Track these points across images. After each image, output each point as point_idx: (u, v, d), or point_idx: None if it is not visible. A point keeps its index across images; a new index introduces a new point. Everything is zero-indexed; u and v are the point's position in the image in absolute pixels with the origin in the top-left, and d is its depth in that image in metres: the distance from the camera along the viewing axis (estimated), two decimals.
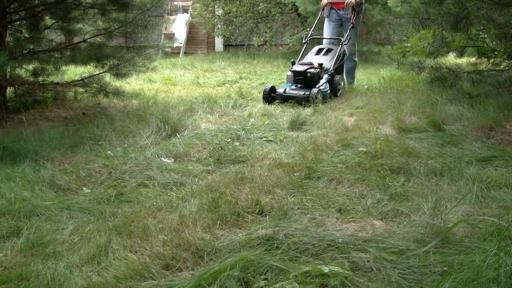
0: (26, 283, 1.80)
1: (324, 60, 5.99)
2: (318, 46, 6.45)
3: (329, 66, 5.93)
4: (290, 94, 5.53)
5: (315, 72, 5.61)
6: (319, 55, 6.22)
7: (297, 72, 5.69)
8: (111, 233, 2.16)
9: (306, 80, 5.64)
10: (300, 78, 5.69)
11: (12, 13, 4.86)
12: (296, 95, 5.47)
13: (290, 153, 3.43)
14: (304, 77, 5.64)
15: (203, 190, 2.72)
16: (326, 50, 6.26)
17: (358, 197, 2.63)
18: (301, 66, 5.75)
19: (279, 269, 1.79)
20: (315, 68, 5.68)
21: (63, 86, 5.17)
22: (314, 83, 5.60)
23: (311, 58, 6.11)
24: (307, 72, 5.61)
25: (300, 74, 5.68)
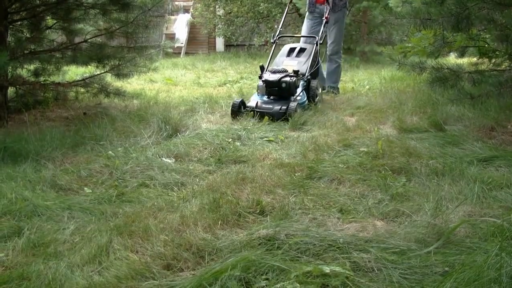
0: (28, 283, 1.80)
1: (298, 64, 5.24)
2: (289, 46, 5.68)
3: (305, 70, 5.19)
4: (263, 109, 4.72)
5: (291, 82, 4.79)
6: (290, 56, 5.45)
7: (269, 82, 4.82)
8: (112, 233, 2.16)
9: (280, 91, 4.84)
10: (273, 89, 4.85)
11: (13, 13, 4.87)
12: (270, 111, 4.68)
13: (291, 153, 3.43)
14: (279, 88, 4.82)
15: (204, 190, 2.72)
16: (299, 50, 5.49)
17: (359, 197, 2.63)
18: (274, 75, 4.86)
19: (280, 269, 1.79)
20: (291, 76, 4.86)
21: (64, 86, 5.17)
22: (290, 94, 4.85)
23: (282, 61, 5.35)
24: (282, 82, 4.78)
25: (273, 84, 4.82)
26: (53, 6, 4.98)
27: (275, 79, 4.79)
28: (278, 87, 4.80)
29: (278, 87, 4.80)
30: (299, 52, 5.45)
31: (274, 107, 4.70)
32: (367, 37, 10.85)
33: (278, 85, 4.79)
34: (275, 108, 4.68)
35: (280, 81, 4.77)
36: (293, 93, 4.84)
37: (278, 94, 4.87)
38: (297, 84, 4.90)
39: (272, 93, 4.88)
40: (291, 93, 4.84)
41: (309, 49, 5.42)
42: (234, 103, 4.80)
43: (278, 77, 4.79)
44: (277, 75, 4.83)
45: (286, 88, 4.80)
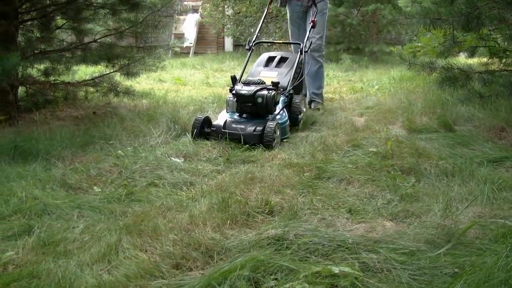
0: (38, 281, 1.81)
1: (278, 75, 4.40)
2: (268, 54, 4.82)
3: (286, 84, 4.32)
4: (233, 129, 3.77)
5: (269, 96, 3.84)
6: (269, 66, 4.61)
7: (242, 96, 3.90)
8: (122, 232, 2.17)
9: (255, 107, 3.89)
10: (246, 105, 3.92)
11: (23, 13, 4.90)
12: (241, 132, 3.71)
13: (300, 153, 3.43)
14: (253, 104, 3.88)
15: (213, 190, 2.73)
16: (279, 59, 4.65)
17: (368, 198, 2.62)
18: (248, 87, 3.93)
19: (289, 269, 1.79)
20: (269, 90, 3.92)
21: (74, 85, 5.20)
22: (268, 112, 3.92)
23: (259, 72, 4.54)
24: (257, 96, 3.85)
25: (246, 99, 3.89)
26: (63, 6, 5.01)
27: (249, 93, 3.88)
28: (253, 102, 3.87)
29: (253, 102, 3.87)
30: (280, 62, 4.64)
31: (247, 128, 3.75)
32: (376, 37, 10.81)
33: (253, 100, 3.86)
34: (248, 130, 3.72)
35: (255, 95, 3.86)
36: (271, 110, 3.93)
37: (252, 112, 3.95)
38: (276, 98, 3.99)
39: (245, 110, 3.96)
40: (269, 111, 3.92)
41: (292, 59, 4.61)
42: (195, 122, 3.86)
43: (252, 90, 3.88)
44: (251, 88, 3.92)
45: (263, 104, 3.85)
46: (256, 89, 3.89)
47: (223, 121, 3.89)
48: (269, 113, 3.95)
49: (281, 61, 4.66)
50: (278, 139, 3.79)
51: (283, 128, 3.98)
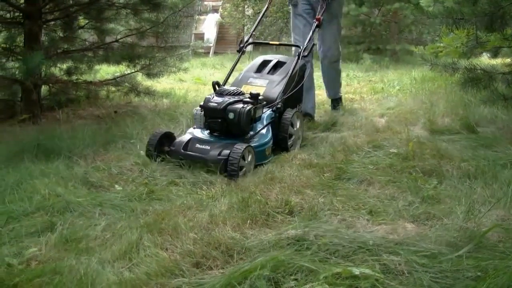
0: (60, 278, 1.83)
1: (269, 84, 3.73)
2: (263, 57, 4.11)
3: (275, 95, 3.62)
4: (195, 151, 3.17)
5: (242, 111, 3.17)
6: (261, 72, 3.90)
7: (209, 111, 3.26)
8: (142, 230, 2.19)
9: (226, 125, 3.23)
10: (214, 121, 3.25)
11: (47, 13, 4.98)
12: (204, 156, 3.10)
13: (320, 154, 3.41)
14: (223, 120, 3.21)
15: (233, 189, 2.73)
16: (275, 65, 3.95)
17: (389, 199, 2.60)
18: (218, 99, 3.27)
19: (309, 270, 1.78)
20: (246, 103, 3.27)
21: (95, 85, 5.27)
22: (241, 130, 3.25)
23: (247, 79, 3.86)
24: (228, 111, 3.19)
25: (214, 113, 3.23)
26: (85, 6, 5.07)
27: (218, 106, 3.20)
28: (222, 118, 3.20)
29: (222, 118, 3.20)
30: (275, 68, 3.94)
31: (211, 151, 3.11)
32: (397, 37, 10.73)
33: (222, 115, 3.19)
34: (212, 153, 3.09)
35: (225, 109, 3.19)
36: (244, 129, 3.25)
37: (221, 130, 3.26)
38: (255, 115, 3.31)
39: (213, 127, 3.28)
40: (242, 129, 3.24)
41: (289, 65, 3.87)
42: (151, 139, 3.28)
43: (222, 103, 3.22)
44: (222, 100, 3.25)
45: (234, 121, 3.18)
46: (228, 102, 3.22)
47: (187, 140, 3.25)
48: (243, 132, 3.26)
49: (277, 66, 3.94)
50: (249, 166, 3.09)
51: (260, 152, 3.25)
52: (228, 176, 2.93)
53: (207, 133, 3.34)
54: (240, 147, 3.01)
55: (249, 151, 3.11)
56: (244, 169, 3.04)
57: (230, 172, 2.94)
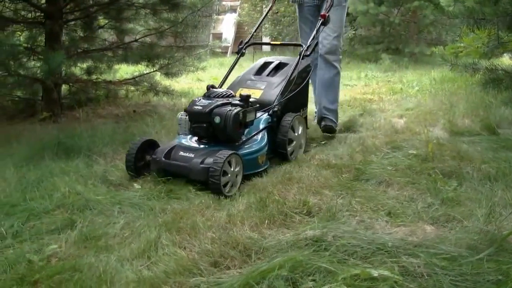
0: (80, 275, 1.85)
1: (267, 86, 3.48)
2: (265, 59, 3.91)
3: (272, 98, 3.36)
4: (177, 159, 2.89)
5: (229, 115, 2.88)
6: (261, 75, 3.69)
7: (193, 115, 2.98)
8: (161, 229, 2.20)
9: (212, 131, 2.96)
10: (199, 126, 2.98)
11: (67, 13, 5.04)
12: (186, 164, 2.82)
13: (338, 154, 3.40)
14: (209, 125, 2.94)
15: (251, 189, 2.73)
16: (276, 66, 3.72)
17: (408, 201, 2.57)
18: (204, 102, 3.00)
19: (327, 271, 1.77)
20: (233, 105, 2.99)
21: (115, 84, 5.32)
22: (228, 136, 2.96)
23: (245, 81, 3.65)
24: (214, 115, 2.90)
25: (199, 117, 2.96)
26: (105, 6, 5.12)
27: (203, 110, 2.93)
28: (208, 122, 2.93)
29: (208, 122, 2.93)
30: (276, 69, 3.70)
31: (194, 159, 2.81)
32: (416, 37, 10.63)
33: (208, 119, 2.92)
34: (194, 161, 2.79)
35: (211, 112, 2.91)
36: (232, 135, 2.96)
37: (207, 136, 3.01)
38: (244, 119, 2.99)
39: (198, 132, 3.03)
40: (229, 135, 2.95)
41: (290, 66, 3.60)
42: (131, 149, 2.99)
43: (208, 106, 2.94)
44: (208, 103, 2.98)
45: (221, 127, 2.89)
46: (214, 105, 2.94)
47: (171, 146, 3.00)
48: (231, 139, 2.99)
49: (278, 68, 3.72)
50: (235, 179, 2.78)
51: (250, 160, 2.97)
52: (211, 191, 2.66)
53: (195, 140, 3.08)
54: (223, 155, 2.69)
55: (235, 160, 2.78)
56: (230, 183, 2.73)
57: (211, 186, 2.65)
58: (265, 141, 3.15)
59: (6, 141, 3.76)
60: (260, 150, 3.08)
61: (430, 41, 11.53)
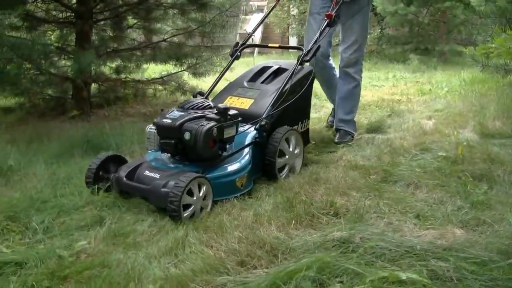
0: (108, 271, 1.88)
1: (260, 96, 3.12)
2: (263, 64, 3.53)
3: (262, 110, 2.99)
4: (137, 183, 2.56)
5: (200, 131, 2.51)
6: (255, 81, 3.31)
7: (161, 129, 2.63)
8: (188, 227, 2.22)
9: (182, 148, 2.60)
10: (167, 142, 2.60)
11: (97, 13, 5.12)
12: (145, 188, 2.49)
13: (365, 155, 3.37)
14: (178, 141, 2.57)
15: (277, 189, 2.73)
16: (274, 71, 3.36)
17: (437, 204, 2.54)
18: (177, 113, 2.66)
19: (355, 273, 1.76)
20: (208, 119, 2.60)
21: (143, 83, 5.38)
22: (199, 155, 2.59)
23: (235, 89, 3.29)
24: (184, 130, 2.54)
25: (167, 132, 2.61)
26: (134, 6, 5.18)
27: (172, 123, 2.58)
28: (177, 139, 2.57)
29: (177, 139, 2.57)
30: (274, 76, 3.33)
31: (156, 181, 2.47)
32: (445, 37, 10.46)
33: (177, 134, 2.56)
34: (155, 184, 2.45)
35: (181, 127, 2.56)
36: (203, 153, 2.57)
37: (176, 153, 2.66)
38: (220, 135, 2.61)
39: (166, 149, 2.64)
40: (200, 154, 2.57)
41: (289, 73, 3.19)
42: (91, 164, 2.71)
43: (178, 120, 2.59)
44: (180, 115, 2.63)
45: (190, 143, 2.53)
46: (185, 119, 2.59)
47: (137, 164, 2.70)
48: (203, 158, 2.61)
49: (277, 74, 3.33)
50: (198, 204, 2.40)
51: (225, 183, 2.62)
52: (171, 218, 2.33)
53: (167, 156, 2.74)
54: (186, 178, 2.34)
55: (201, 184, 2.42)
56: (192, 208, 2.37)
57: (169, 213, 2.32)
58: (247, 160, 2.76)
59: (37, 138, 3.84)
60: (239, 172, 2.69)
61: (460, 41, 11.32)
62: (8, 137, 3.95)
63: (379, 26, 11.46)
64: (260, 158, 2.87)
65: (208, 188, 2.45)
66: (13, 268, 1.92)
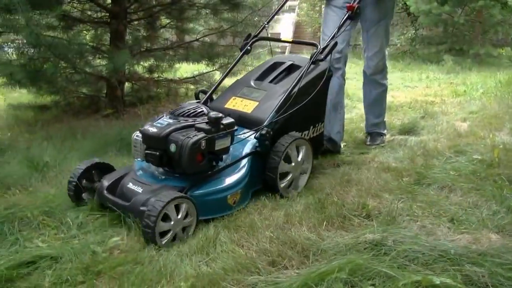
0: (141, 267, 1.91)
1: (265, 97, 2.81)
2: (275, 59, 3.19)
3: (265, 115, 2.69)
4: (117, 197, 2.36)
5: (187, 143, 2.26)
6: (263, 80, 2.99)
7: (146, 139, 2.38)
8: (219, 226, 2.23)
9: (168, 159, 2.34)
10: (152, 153, 2.35)
11: (131, 13, 5.18)
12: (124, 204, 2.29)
13: (398, 157, 3.32)
14: (163, 153, 2.33)
15: (309, 190, 2.72)
16: (287, 69, 3.04)
17: (472, 207, 2.48)
18: (166, 121, 2.41)
19: (388, 276, 1.74)
20: (198, 129, 2.34)
21: (175, 82, 5.43)
22: (184, 169, 2.31)
23: (240, 88, 2.98)
24: (170, 141, 2.30)
25: (152, 142, 2.36)
26: (167, 6, 5.23)
27: (157, 133, 2.33)
28: (163, 150, 2.33)
29: (163, 150, 2.33)
30: (286, 73, 3.02)
31: (137, 197, 2.27)
32: (481, 37, 10.24)
33: (163, 145, 2.32)
34: (135, 201, 2.26)
35: (167, 138, 2.32)
36: (190, 169, 2.32)
37: (161, 165, 2.40)
38: (210, 147, 2.34)
39: (151, 161, 2.38)
40: (186, 167, 2.30)
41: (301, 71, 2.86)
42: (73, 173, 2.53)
43: (164, 129, 2.34)
44: (167, 124, 2.38)
45: (175, 156, 2.29)
46: (172, 128, 2.34)
47: (122, 174, 2.49)
48: (188, 171, 2.33)
49: (289, 72, 3.02)
50: (182, 226, 2.19)
51: (214, 201, 2.38)
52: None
53: (159, 169, 2.47)
54: (165, 197, 2.11)
55: (180, 204, 2.17)
56: (171, 233, 2.15)
57: (144, 235, 2.11)
58: (243, 174, 2.50)
59: (72, 135, 3.92)
60: (232, 187, 2.43)
61: (496, 42, 11.08)
62: (44, 134, 4.05)
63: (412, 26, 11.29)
64: (261, 169, 2.61)
65: (189, 207, 2.20)
66: (48, 262, 1.97)
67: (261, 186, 2.66)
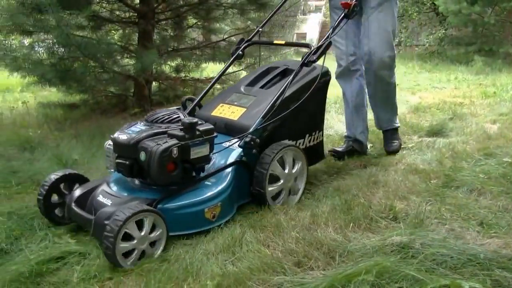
0: (167, 265, 1.93)
1: (253, 104, 2.64)
2: (270, 64, 3.07)
3: (251, 122, 2.52)
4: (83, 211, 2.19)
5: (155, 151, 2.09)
6: (254, 86, 2.83)
7: (117, 146, 2.21)
8: (246, 226, 2.24)
9: (138, 169, 2.18)
10: (122, 162, 2.19)
11: (159, 13, 5.24)
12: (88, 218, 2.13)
13: (426, 159, 3.27)
14: (133, 162, 2.17)
15: (335, 191, 2.71)
16: (280, 73, 2.89)
17: (502, 211, 2.43)
18: (138, 128, 2.24)
19: (415, 279, 1.71)
20: (170, 136, 2.18)
21: (202, 82, 5.47)
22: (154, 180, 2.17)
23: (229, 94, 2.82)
24: (140, 149, 2.13)
25: (122, 150, 2.20)
26: (195, 6, 5.27)
27: (127, 140, 2.17)
28: (133, 159, 2.17)
29: (133, 159, 2.17)
30: (278, 79, 2.85)
31: (103, 210, 2.08)
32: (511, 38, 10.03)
33: (133, 154, 2.16)
34: (100, 214, 2.06)
35: (136, 145, 2.15)
36: (159, 180, 2.16)
37: (132, 176, 2.23)
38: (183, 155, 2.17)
39: (120, 170, 2.22)
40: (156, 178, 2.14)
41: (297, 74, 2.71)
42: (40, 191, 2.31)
43: (135, 137, 2.17)
44: (139, 131, 2.22)
45: (144, 165, 2.13)
46: (143, 135, 2.17)
47: (94, 185, 2.32)
48: (158, 182, 2.18)
49: (283, 76, 2.86)
50: (142, 245, 1.99)
51: (189, 214, 2.20)
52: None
53: (135, 181, 2.32)
54: (128, 211, 1.92)
55: (144, 219, 1.98)
56: (136, 252, 1.97)
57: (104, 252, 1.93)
58: (224, 186, 2.32)
59: (100, 134, 3.98)
60: (210, 200, 2.25)
61: None
62: (73, 132, 4.13)
63: (441, 26, 11.12)
64: (248, 181, 2.44)
65: (155, 219, 2.01)
66: (77, 258, 2.00)
67: (249, 199, 2.49)
